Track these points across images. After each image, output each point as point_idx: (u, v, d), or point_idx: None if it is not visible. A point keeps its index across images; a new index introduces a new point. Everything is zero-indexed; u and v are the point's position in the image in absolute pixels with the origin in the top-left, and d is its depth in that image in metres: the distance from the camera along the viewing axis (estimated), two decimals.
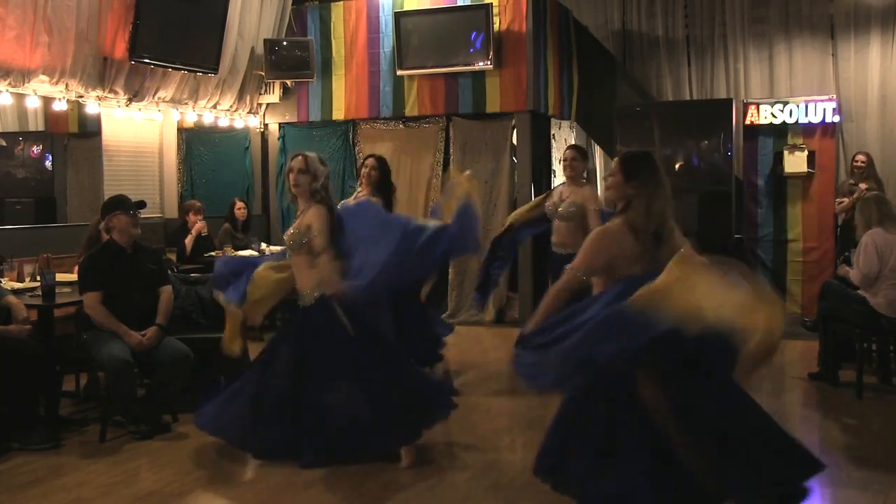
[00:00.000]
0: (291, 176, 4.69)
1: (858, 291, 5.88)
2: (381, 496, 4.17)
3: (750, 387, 3.42)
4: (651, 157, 3.55)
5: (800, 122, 9.11)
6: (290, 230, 4.69)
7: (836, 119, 9.17)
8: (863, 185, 8.56)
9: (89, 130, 8.51)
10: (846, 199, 8.69)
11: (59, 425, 5.13)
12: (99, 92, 7.82)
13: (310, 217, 4.59)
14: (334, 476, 4.41)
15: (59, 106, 7.66)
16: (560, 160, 8.17)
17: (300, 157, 4.70)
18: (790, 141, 9.11)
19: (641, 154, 3.60)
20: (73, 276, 5.67)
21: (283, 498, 4.23)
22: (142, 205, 5.46)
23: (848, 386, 5.98)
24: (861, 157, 8.78)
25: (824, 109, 9.08)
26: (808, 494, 3.33)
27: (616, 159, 3.64)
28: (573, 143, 10.01)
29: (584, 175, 6.10)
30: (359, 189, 6.33)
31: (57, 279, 5.44)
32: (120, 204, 5.29)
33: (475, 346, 8.15)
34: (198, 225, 8.25)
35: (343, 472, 4.47)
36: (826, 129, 9.11)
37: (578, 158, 6.02)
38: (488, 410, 5.78)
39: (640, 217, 3.40)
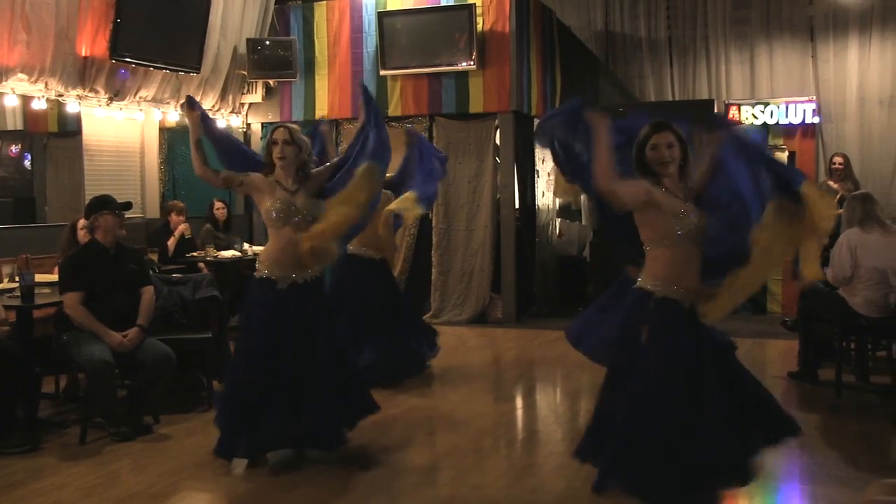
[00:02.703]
0: (276, 149, 4.51)
1: (838, 291, 5.93)
2: (366, 495, 4.16)
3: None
4: None
5: (780, 122, 9.19)
6: (287, 201, 4.48)
7: (816, 120, 9.25)
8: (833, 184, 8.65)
9: (69, 129, 8.44)
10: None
11: (38, 427, 5.08)
12: (79, 91, 7.76)
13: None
14: (319, 476, 4.40)
15: (39, 105, 7.60)
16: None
17: (284, 129, 4.55)
18: (771, 142, 9.19)
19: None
20: (53, 277, 5.63)
21: (266, 499, 4.21)
22: (128, 206, 5.43)
23: (827, 385, 6.03)
24: (839, 159, 8.86)
25: (804, 111, 9.18)
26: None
27: (667, 132, 3.80)
28: None
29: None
30: None
31: (36, 280, 5.38)
32: (107, 203, 5.25)
33: (458, 346, 8.15)
34: (181, 227, 8.20)
35: (328, 471, 4.46)
36: (806, 130, 9.20)
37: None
38: (472, 410, 5.78)
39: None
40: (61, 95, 7.69)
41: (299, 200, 4.51)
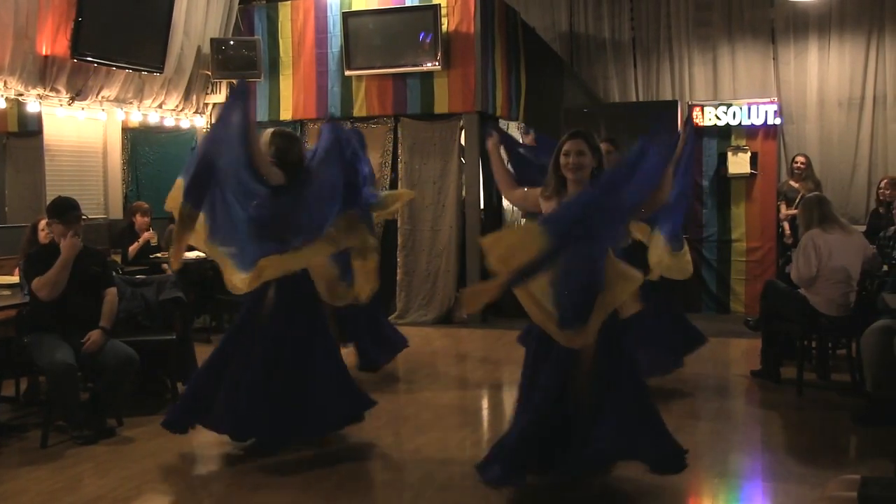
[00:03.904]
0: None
1: (799, 291, 6.02)
2: (331, 496, 4.15)
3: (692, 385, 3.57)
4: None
5: (742, 123, 9.31)
6: None
7: (778, 121, 9.38)
8: (794, 183, 8.81)
9: (30, 129, 8.29)
10: (786, 209, 8.93)
11: None
12: (39, 90, 7.64)
13: None
14: (283, 478, 4.38)
15: None
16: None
17: None
18: (733, 142, 9.31)
19: (590, 131, 4.00)
20: (13, 279, 5.55)
21: (230, 501, 4.18)
22: (77, 218, 5.22)
23: (789, 383, 6.12)
24: (800, 159, 9.00)
25: (766, 112, 9.30)
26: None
27: (578, 140, 3.92)
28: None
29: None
30: None
31: None
32: (58, 213, 5.16)
33: (424, 346, 8.15)
34: (146, 235, 8.15)
35: (293, 473, 4.44)
36: (768, 130, 9.32)
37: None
38: (438, 410, 5.79)
39: None
40: (21, 95, 7.56)
41: None
